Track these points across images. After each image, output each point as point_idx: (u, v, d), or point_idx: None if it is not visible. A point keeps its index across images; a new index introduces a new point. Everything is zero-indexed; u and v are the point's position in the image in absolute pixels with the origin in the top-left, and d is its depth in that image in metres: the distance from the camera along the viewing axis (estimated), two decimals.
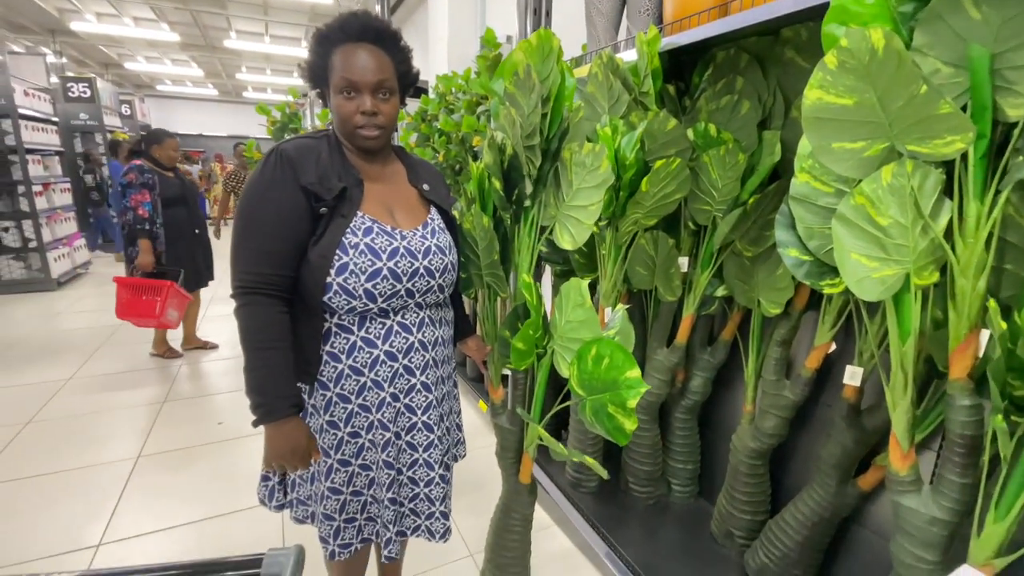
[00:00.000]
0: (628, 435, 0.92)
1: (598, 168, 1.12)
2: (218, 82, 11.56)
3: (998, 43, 0.69)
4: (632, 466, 1.71)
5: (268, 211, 0.89)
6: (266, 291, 0.90)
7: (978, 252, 0.76)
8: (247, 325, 0.89)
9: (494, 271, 1.25)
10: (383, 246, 0.94)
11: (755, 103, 1.25)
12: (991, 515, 0.77)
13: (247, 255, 0.90)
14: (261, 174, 0.91)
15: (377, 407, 1.00)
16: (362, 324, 0.96)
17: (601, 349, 0.95)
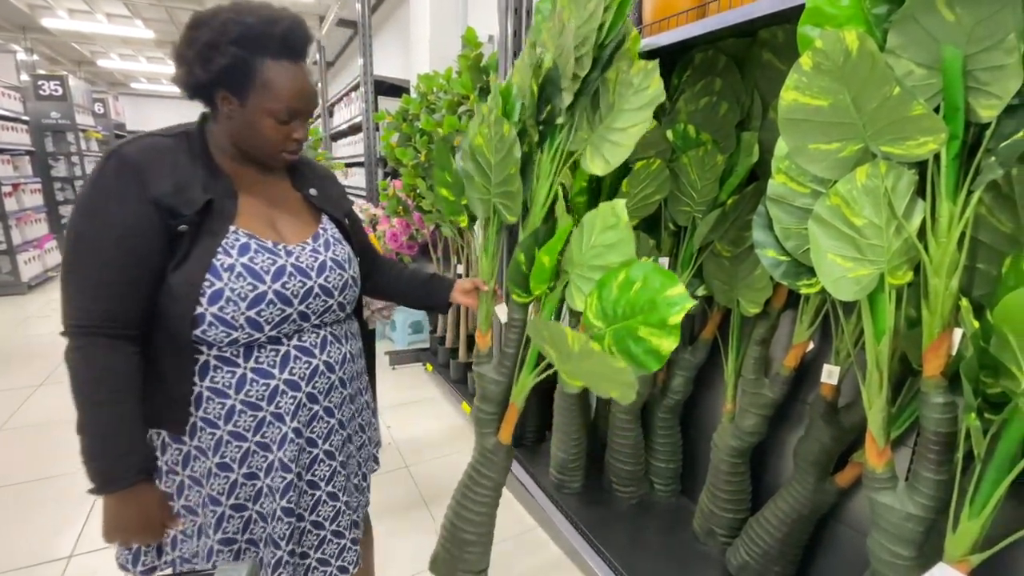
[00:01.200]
0: (663, 358, 0.88)
1: (647, 88, 1.04)
2: None
3: (971, 44, 0.70)
4: (615, 466, 1.71)
5: (104, 232, 0.72)
6: (105, 331, 0.73)
7: (950, 252, 0.77)
8: (80, 374, 0.73)
9: (507, 188, 1.16)
10: (265, 265, 0.80)
11: (733, 104, 1.26)
12: (966, 512, 0.78)
13: (78, 287, 0.73)
14: (94, 186, 0.73)
15: (279, 444, 0.84)
16: (249, 354, 0.81)
17: (632, 272, 0.92)
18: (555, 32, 1.11)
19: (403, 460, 2.22)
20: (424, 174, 2.56)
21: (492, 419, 1.27)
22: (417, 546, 1.70)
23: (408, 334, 3.52)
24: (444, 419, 2.60)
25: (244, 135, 0.80)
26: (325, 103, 5.72)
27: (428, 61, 3.55)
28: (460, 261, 2.84)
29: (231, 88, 0.77)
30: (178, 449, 0.83)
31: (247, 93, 0.77)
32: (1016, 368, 0.67)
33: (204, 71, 0.75)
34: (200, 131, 0.83)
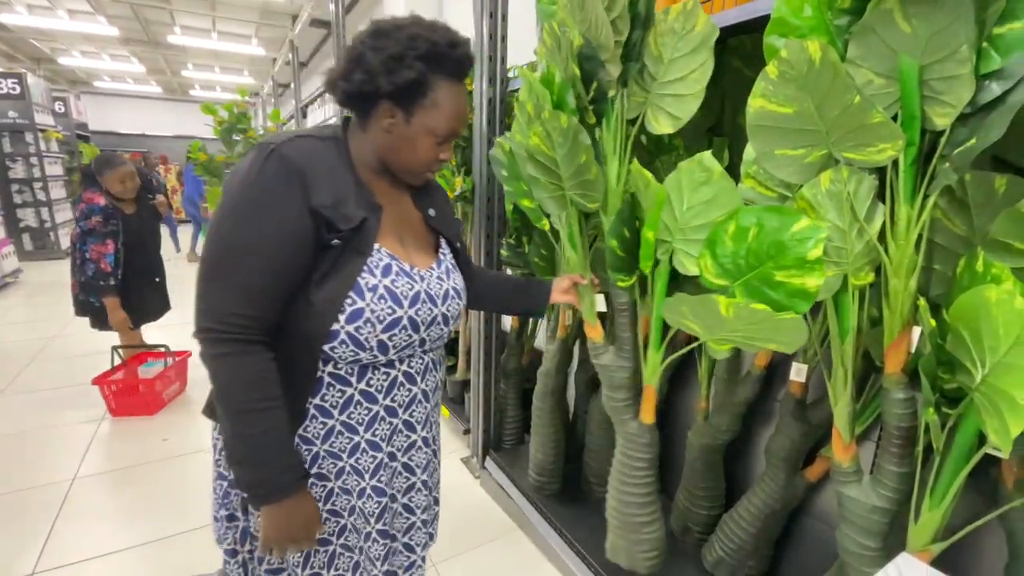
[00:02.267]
0: (812, 295, 0.83)
1: (693, 28, 0.99)
2: (162, 79, 11.02)
3: (926, 55, 0.74)
4: (593, 466, 1.73)
5: (266, 236, 0.69)
6: (254, 337, 0.71)
7: (908, 253, 0.80)
8: (234, 381, 0.70)
9: (583, 177, 1.11)
10: (404, 290, 0.78)
11: (704, 110, 1.28)
12: (927, 503, 0.81)
13: (232, 292, 0.69)
14: (254, 185, 0.69)
15: (372, 472, 0.84)
16: (363, 375, 0.80)
17: (743, 220, 0.87)
18: (576, 5, 1.08)
19: None
20: None
21: (627, 405, 1.27)
22: None
23: None
24: None
25: (397, 149, 0.79)
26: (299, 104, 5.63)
27: None
28: None
29: (401, 102, 0.76)
30: None
31: (415, 109, 0.76)
32: (971, 364, 0.71)
33: (387, 82, 0.74)
34: (344, 138, 0.80)
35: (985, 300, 0.66)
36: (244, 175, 0.71)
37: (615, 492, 1.36)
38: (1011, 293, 0.63)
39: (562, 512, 1.70)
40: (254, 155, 0.72)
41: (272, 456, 0.72)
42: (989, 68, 0.70)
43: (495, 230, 1.92)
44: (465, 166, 2.15)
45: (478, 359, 2.04)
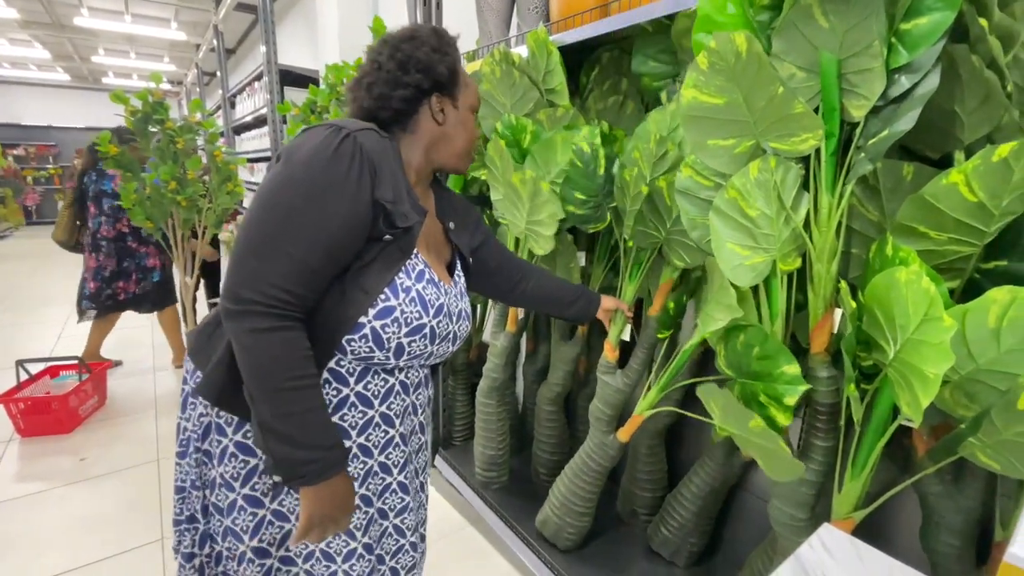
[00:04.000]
0: (780, 429, 0.90)
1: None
2: (70, 66, 10.05)
3: (843, 50, 0.77)
4: (542, 457, 1.74)
5: (329, 215, 0.68)
6: (298, 314, 0.69)
7: (830, 239, 0.84)
8: (281, 356, 0.67)
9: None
10: (432, 299, 0.78)
11: (638, 103, 1.31)
12: (848, 473, 0.87)
13: (285, 266, 0.67)
14: (335, 164, 0.68)
15: (362, 480, 0.81)
16: (362, 377, 0.78)
17: (750, 337, 0.92)
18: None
19: None
20: None
21: (610, 419, 1.36)
22: None
23: None
24: None
25: (451, 136, 0.84)
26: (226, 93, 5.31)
27: (338, 51, 3.40)
28: None
29: (447, 90, 0.82)
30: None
31: (457, 93, 0.83)
32: (884, 341, 0.75)
33: (437, 75, 0.80)
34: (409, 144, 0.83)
35: (895, 281, 0.71)
36: (316, 151, 0.68)
37: (566, 480, 1.42)
38: (918, 274, 0.68)
39: (511, 504, 1.70)
40: (326, 134, 0.70)
41: (320, 433, 0.70)
42: (898, 62, 0.75)
43: None
44: None
45: None
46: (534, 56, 1.29)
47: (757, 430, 0.89)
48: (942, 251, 0.77)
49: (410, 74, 0.78)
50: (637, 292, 1.29)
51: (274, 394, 0.67)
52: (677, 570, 1.40)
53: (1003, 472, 0.71)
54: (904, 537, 1.10)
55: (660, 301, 1.24)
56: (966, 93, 0.76)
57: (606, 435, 1.36)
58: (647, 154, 1.14)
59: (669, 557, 1.42)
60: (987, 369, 0.71)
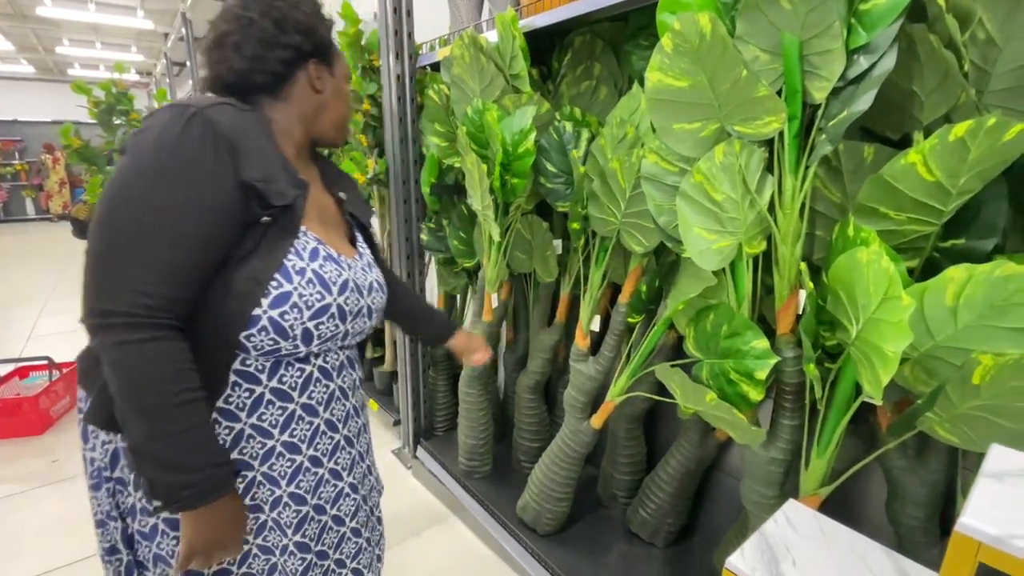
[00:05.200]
0: (752, 404, 0.92)
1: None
2: (34, 57, 9.69)
3: (805, 31, 0.77)
4: (523, 444, 1.75)
5: (189, 208, 0.61)
6: (173, 321, 0.62)
7: (794, 221, 0.85)
8: (152, 372, 0.60)
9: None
10: (332, 276, 0.73)
11: (612, 89, 1.30)
12: (814, 451, 0.88)
13: (144, 269, 0.60)
14: (182, 149, 0.61)
15: (290, 477, 0.76)
16: (275, 371, 0.72)
17: (719, 316, 0.93)
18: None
19: None
20: None
21: (584, 407, 1.38)
22: None
23: None
24: None
25: (329, 105, 0.79)
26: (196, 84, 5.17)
27: None
28: None
29: (323, 56, 0.77)
30: None
31: (333, 60, 0.78)
32: (847, 321, 0.76)
33: (315, 40, 0.75)
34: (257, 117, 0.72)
35: (857, 262, 0.72)
36: (160, 137, 0.61)
37: (544, 467, 1.43)
38: (879, 254, 0.69)
39: (494, 493, 1.71)
40: (171, 115, 0.63)
41: (201, 453, 0.64)
42: (857, 43, 0.75)
43: (413, 214, 1.86)
44: (378, 147, 2.06)
45: (404, 347, 1.99)
46: (501, 40, 1.28)
47: (713, 403, 0.91)
48: (902, 231, 0.78)
49: (288, 34, 0.72)
50: (605, 278, 1.29)
51: (149, 413, 0.61)
52: (656, 551, 1.42)
53: (961, 446, 0.73)
54: (872, 512, 1.13)
55: (630, 287, 1.25)
56: (925, 72, 0.77)
57: (580, 422, 1.37)
58: (610, 138, 1.13)
59: (648, 538, 1.44)
60: (945, 346, 0.72)
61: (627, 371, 1.24)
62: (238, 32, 0.71)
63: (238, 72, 0.72)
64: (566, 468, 1.40)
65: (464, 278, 1.98)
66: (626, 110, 1.10)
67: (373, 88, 1.90)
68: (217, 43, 0.72)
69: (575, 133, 1.24)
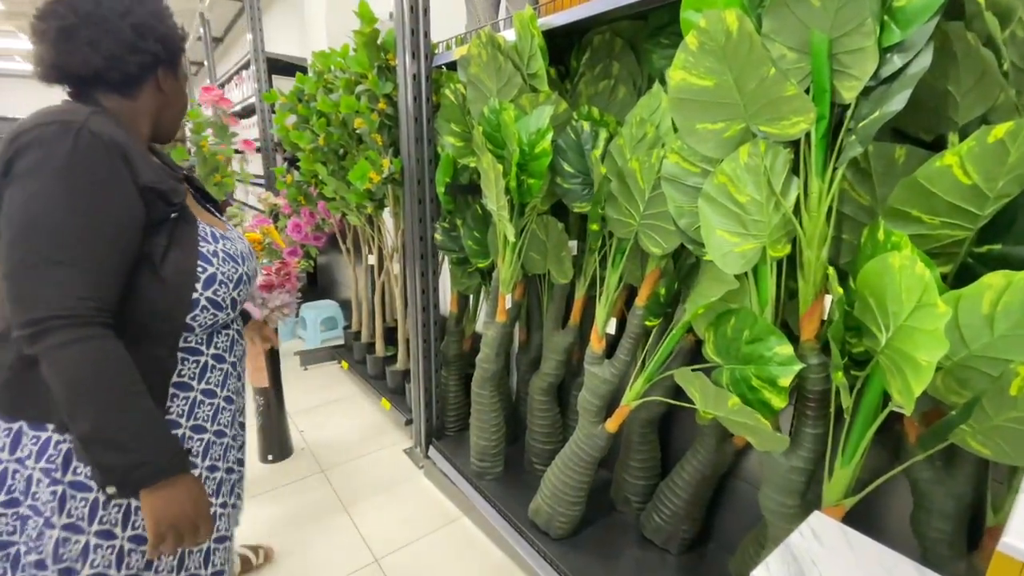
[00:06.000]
0: (774, 411, 0.88)
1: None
2: None
3: (835, 28, 0.75)
4: (535, 446, 1.74)
5: (103, 216, 0.66)
6: (107, 320, 0.67)
7: (820, 224, 0.83)
8: (102, 367, 0.65)
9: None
10: (232, 251, 0.83)
11: (630, 88, 1.28)
12: (839, 460, 0.86)
13: (78, 276, 0.65)
14: (81, 166, 0.65)
15: (229, 426, 0.88)
16: (211, 341, 0.84)
17: (741, 321, 0.91)
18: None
19: (318, 464, 2.11)
20: (324, 159, 2.41)
21: (599, 411, 1.35)
22: (339, 554, 1.63)
23: (320, 332, 3.34)
24: (362, 418, 2.51)
25: (173, 104, 0.84)
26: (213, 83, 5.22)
27: (326, 38, 3.34)
28: (371, 251, 2.72)
29: (171, 61, 0.81)
30: None
31: (177, 62, 0.82)
32: (876, 328, 0.74)
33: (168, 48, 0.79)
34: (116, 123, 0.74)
35: (889, 267, 0.69)
36: (56, 157, 0.65)
37: (557, 470, 1.42)
38: (912, 259, 0.66)
39: (506, 494, 1.70)
40: (57, 134, 0.66)
41: (156, 436, 0.69)
42: (891, 41, 0.72)
43: (427, 214, 1.86)
44: (393, 146, 2.06)
45: (416, 347, 1.99)
46: (520, 39, 1.26)
47: (735, 408, 0.88)
48: (935, 235, 0.75)
49: (147, 41, 0.75)
50: (622, 280, 1.27)
51: (102, 404, 0.65)
52: (669, 557, 1.40)
53: (994, 458, 0.71)
54: (895, 523, 1.10)
55: (647, 289, 1.23)
56: (961, 72, 0.74)
57: (594, 425, 1.36)
58: (629, 138, 1.12)
59: (662, 544, 1.42)
60: (980, 355, 0.70)
61: (644, 375, 1.22)
62: (90, 28, 0.71)
63: (93, 68, 0.73)
64: (579, 472, 1.39)
65: (477, 278, 1.97)
66: (646, 109, 1.08)
67: (389, 87, 1.90)
68: (66, 34, 0.71)
69: (593, 133, 1.22)
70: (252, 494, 1.88)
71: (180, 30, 0.81)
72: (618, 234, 1.18)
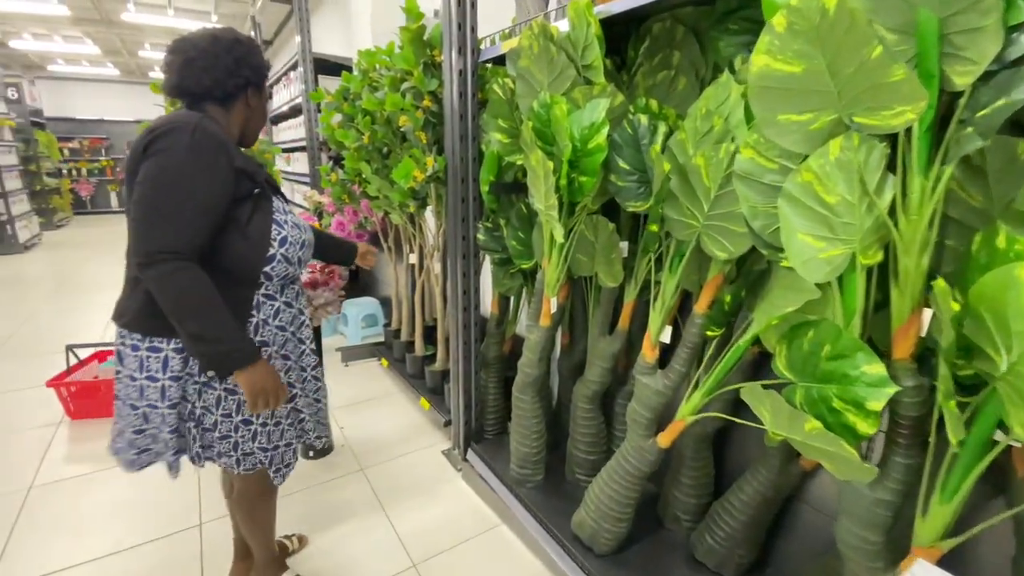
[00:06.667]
0: (860, 437, 0.79)
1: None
2: (119, 61, 10.40)
3: (945, 6, 0.66)
4: (578, 456, 1.67)
5: (208, 183, 0.94)
6: (196, 258, 0.94)
7: (922, 229, 0.73)
8: (194, 286, 0.92)
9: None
10: (297, 221, 1.13)
11: (692, 79, 1.20)
12: (936, 496, 0.76)
13: (185, 219, 0.92)
14: (197, 150, 0.93)
15: (294, 352, 1.20)
16: (282, 291, 1.13)
17: (821, 334, 0.82)
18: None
19: (357, 462, 2.10)
20: (368, 157, 2.40)
21: (650, 423, 1.28)
22: (375, 553, 1.61)
23: (361, 328, 3.37)
24: (401, 417, 2.49)
25: (257, 118, 1.14)
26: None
27: (370, 37, 3.35)
28: (412, 250, 2.71)
29: (259, 84, 1.12)
30: None
31: (262, 87, 1.12)
32: (993, 350, 0.64)
33: (259, 73, 1.10)
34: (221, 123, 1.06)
35: (1014, 280, 0.59)
36: (180, 144, 0.93)
37: (602, 483, 1.35)
38: None
39: (546, 504, 1.63)
40: (181, 129, 0.94)
41: (236, 333, 0.97)
42: (1018, 18, 0.62)
43: (470, 213, 1.81)
44: (437, 144, 2.03)
45: (456, 348, 1.95)
46: (574, 29, 1.19)
47: (815, 433, 0.79)
48: None
49: (242, 69, 1.06)
50: (679, 286, 1.18)
51: (197, 311, 0.92)
52: None
53: None
54: (990, 566, 0.98)
55: (708, 296, 1.14)
56: None
57: (644, 439, 1.27)
58: (691, 132, 1.03)
59: (715, 568, 1.33)
60: None
61: (702, 389, 1.13)
62: (205, 60, 1.02)
63: (203, 86, 1.03)
64: (627, 486, 1.31)
65: (520, 279, 1.92)
66: (713, 101, 1.00)
67: (434, 84, 1.87)
68: (187, 63, 1.01)
69: (651, 127, 1.15)
70: (293, 489, 1.89)
71: (266, 63, 1.12)
72: (677, 236, 1.09)
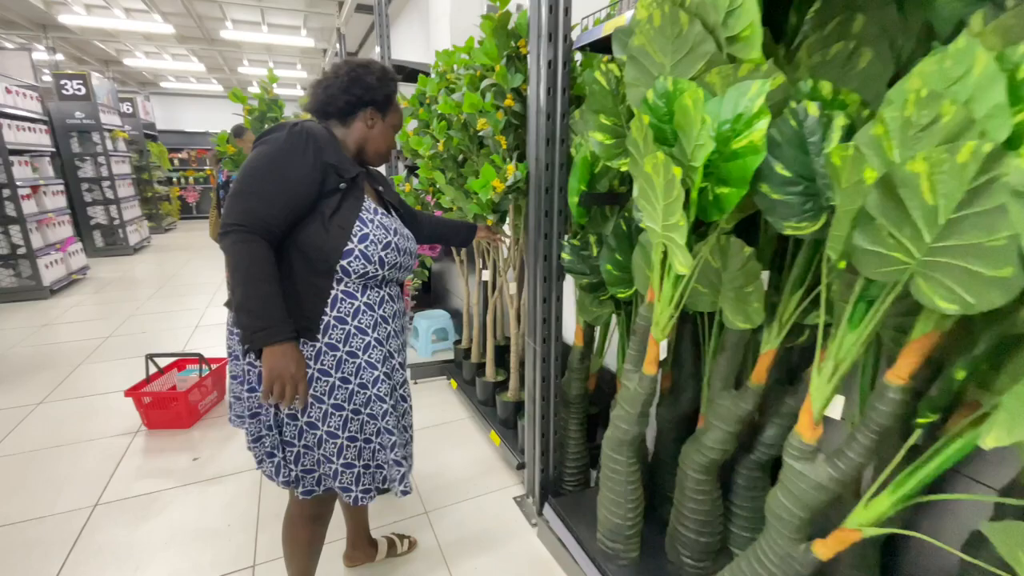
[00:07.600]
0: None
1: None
2: (221, 77, 11.24)
3: None
4: (685, 536, 1.33)
5: (291, 169, 1.00)
6: (266, 237, 0.98)
7: None
8: (250, 258, 0.96)
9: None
10: (388, 224, 1.12)
11: (883, 52, 0.85)
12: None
13: (262, 199, 0.98)
14: (290, 141, 1.01)
15: (381, 362, 1.13)
16: (364, 291, 1.10)
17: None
18: None
19: (422, 504, 1.89)
20: (443, 166, 2.20)
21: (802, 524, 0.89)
22: None
23: (432, 343, 3.19)
24: (470, 449, 2.26)
25: (375, 139, 1.17)
26: None
27: (449, 38, 3.19)
28: (485, 266, 2.48)
29: (380, 108, 1.16)
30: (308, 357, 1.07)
31: (387, 113, 1.18)
32: None
33: (380, 94, 1.14)
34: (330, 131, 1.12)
35: None
36: (285, 136, 1.02)
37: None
38: None
39: None
40: (284, 127, 1.04)
41: (274, 311, 0.98)
42: None
43: (554, 229, 1.54)
44: (519, 149, 1.77)
45: (533, 384, 1.68)
46: None
47: None
48: None
49: (354, 89, 1.11)
50: (868, 344, 0.83)
51: (245, 280, 0.96)
52: None
53: None
54: None
55: (911, 362, 0.78)
56: None
57: (793, 544, 0.92)
58: (897, 124, 0.69)
59: None
60: None
61: (897, 492, 0.77)
62: (327, 80, 1.13)
63: (320, 101, 1.13)
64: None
65: (610, 307, 1.62)
66: (939, 78, 0.66)
67: (518, 80, 1.61)
68: (317, 84, 1.14)
69: (823, 120, 0.82)
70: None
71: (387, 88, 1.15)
72: (871, 274, 0.75)
